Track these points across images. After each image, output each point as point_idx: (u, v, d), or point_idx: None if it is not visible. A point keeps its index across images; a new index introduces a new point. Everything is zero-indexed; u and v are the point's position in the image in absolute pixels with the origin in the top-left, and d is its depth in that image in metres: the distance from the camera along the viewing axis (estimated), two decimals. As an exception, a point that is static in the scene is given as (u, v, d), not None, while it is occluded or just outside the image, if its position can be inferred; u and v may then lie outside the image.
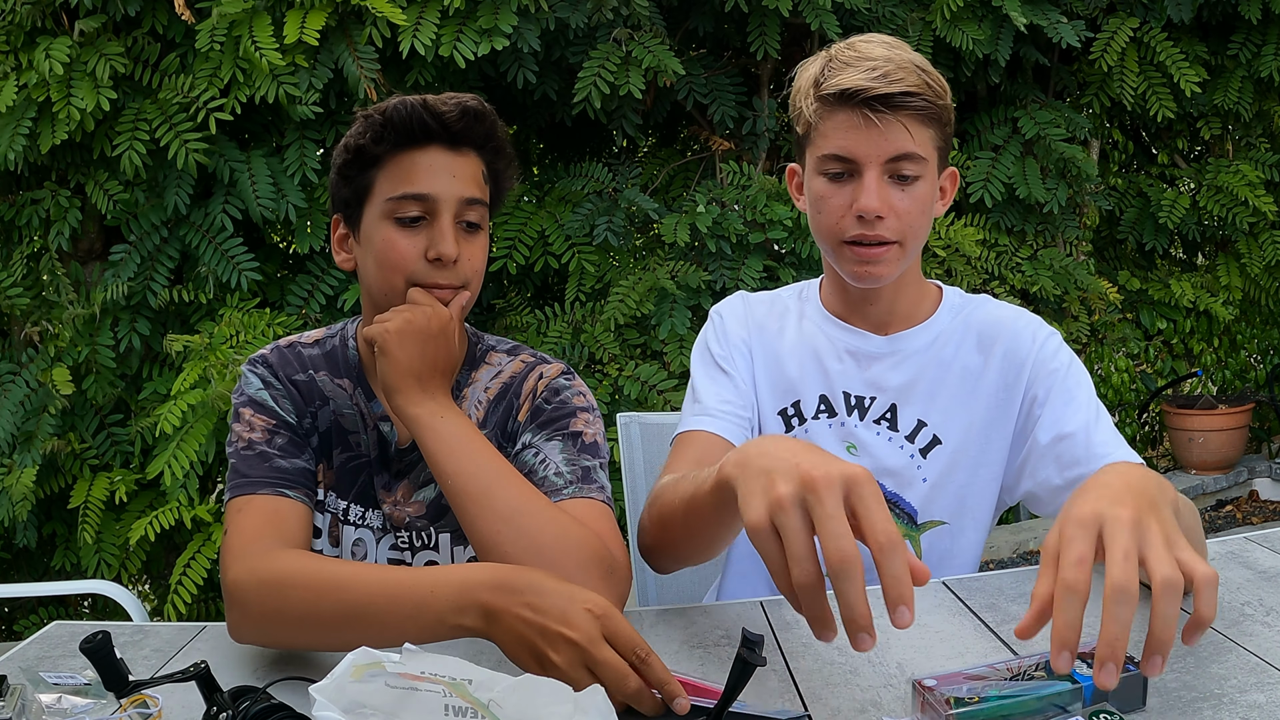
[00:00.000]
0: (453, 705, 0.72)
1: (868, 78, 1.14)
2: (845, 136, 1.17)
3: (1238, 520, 4.18)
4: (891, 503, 1.27)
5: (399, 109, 1.12)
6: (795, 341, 1.32)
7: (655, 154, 3.90)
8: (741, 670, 0.74)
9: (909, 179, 1.18)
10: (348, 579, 0.93)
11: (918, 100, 1.15)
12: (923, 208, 1.20)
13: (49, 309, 3.13)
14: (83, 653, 0.79)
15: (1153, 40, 3.67)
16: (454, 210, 1.13)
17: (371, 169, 1.14)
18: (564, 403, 1.19)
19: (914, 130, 1.16)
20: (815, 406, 1.29)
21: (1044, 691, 0.81)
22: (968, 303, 1.32)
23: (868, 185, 1.16)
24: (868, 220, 1.17)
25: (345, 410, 1.21)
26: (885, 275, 1.22)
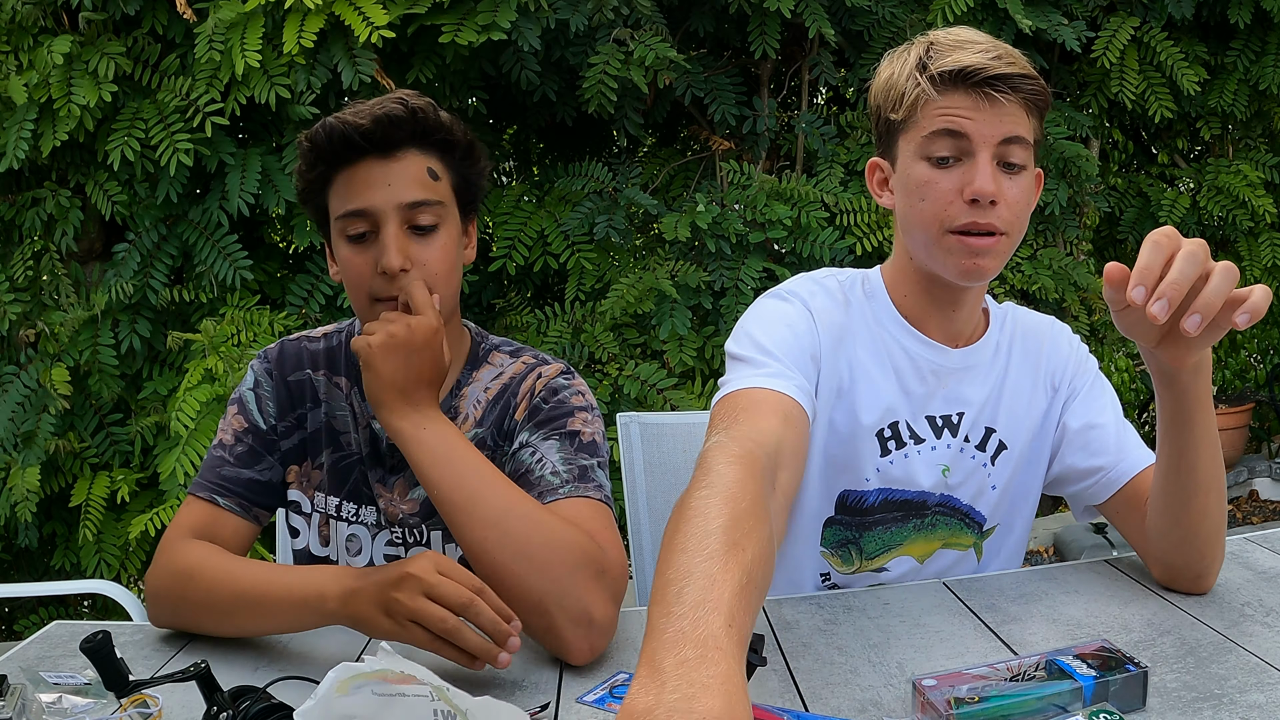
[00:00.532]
0: (441, 709, 0.72)
1: (985, 57, 1.10)
2: (957, 115, 1.10)
3: (1238, 520, 4.18)
4: (965, 513, 1.27)
5: (318, 132, 1.12)
6: (881, 355, 1.22)
7: (655, 154, 3.90)
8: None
9: (1016, 168, 1.12)
10: (239, 571, 1.06)
11: (1032, 84, 1.11)
12: (1028, 200, 1.15)
13: (42, 311, 3.13)
14: (83, 652, 0.79)
15: (1153, 40, 3.67)
16: (398, 219, 1.12)
17: (322, 192, 1.16)
18: (562, 402, 1.19)
19: (1025, 115, 1.12)
20: (907, 432, 1.22)
21: (1044, 691, 0.81)
22: (1005, 311, 1.32)
23: (981, 166, 1.10)
24: (981, 205, 1.10)
25: (338, 410, 1.23)
26: (990, 270, 1.14)
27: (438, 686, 0.73)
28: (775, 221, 3.19)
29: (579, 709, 0.89)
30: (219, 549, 1.13)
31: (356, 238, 1.13)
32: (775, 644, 1.01)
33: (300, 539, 1.26)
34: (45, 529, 3.25)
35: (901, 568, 1.27)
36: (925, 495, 1.24)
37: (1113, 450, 1.21)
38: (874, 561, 1.27)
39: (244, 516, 1.20)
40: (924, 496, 1.24)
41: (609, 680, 0.95)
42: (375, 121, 1.11)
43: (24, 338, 3.11)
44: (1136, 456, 1.20)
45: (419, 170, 1.14)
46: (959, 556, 1.27)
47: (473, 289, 3.37)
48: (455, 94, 3.18)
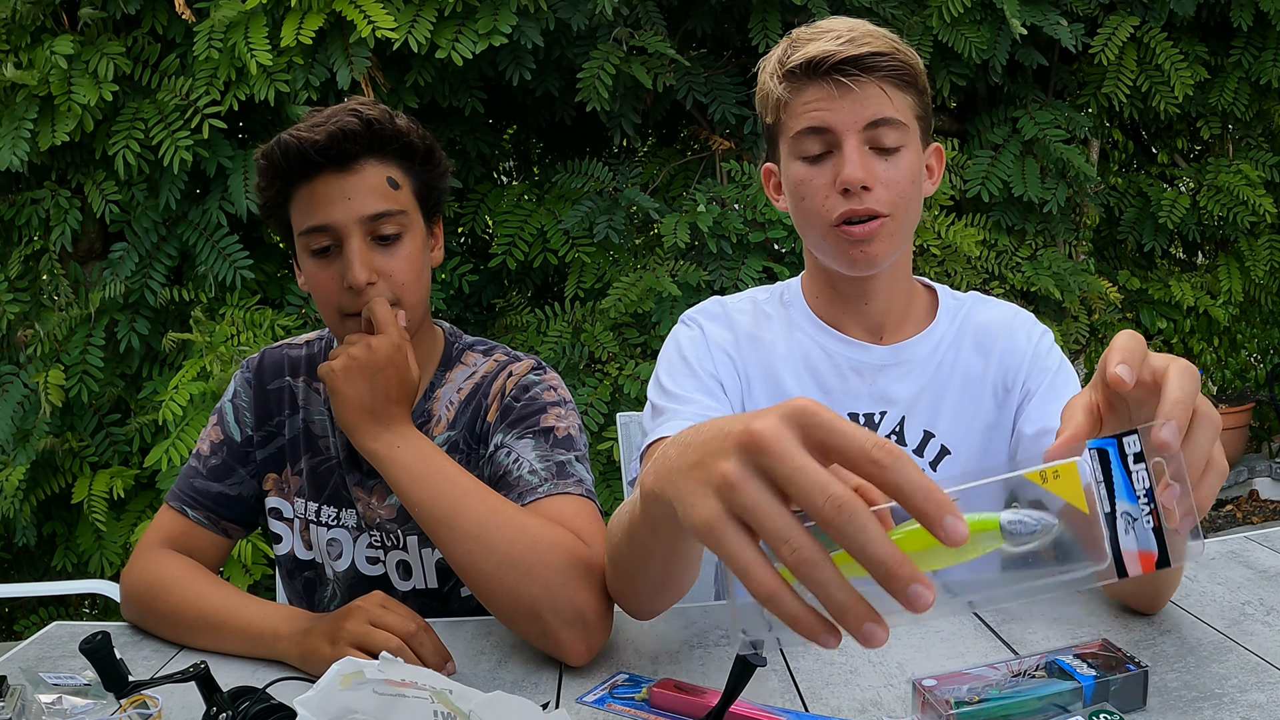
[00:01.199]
0: (440, 711, 0.72)
1: (834, 44, 1.08)
2: (816, 109, 1.09)
3: (1238, 520, 4.18)
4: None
5: (274, 149, 1.11)
6: (788, 355, 1.23)
7: (655, 153, 3.90)
8: (741, 670, 0.74)
9: (891, 149, 1.10)
10: (205, 594, 1.09)
11: (889, 60, 1.08)
12: (911, 177, 1.12)
13: (39, 312, 3.13)
14: (82, 653, 0.79)
15: (1152, 40, 3.67)
16: (360, 232, 1.11)
17: (283, 207, 1.15)
18: (533, 399, 1.19)
19: (890, 94, 1.09)
20: None
21: (1044, 691, 0.81)
22: (962, 304, 1.27)
23: (849, 155, 1.09)
24: (854, 193, 1.09)
25: (316, 415, 1.24)
26: (880, 255, 1.13)
27: (438, 690, 0.73)
28: (775, 221, 3.19)
29: (579, 709, 0.89)
30: (191, 565, 1.16)
31: (320, 252, 1.12)
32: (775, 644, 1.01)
33: (284, 544, 1.26)
34: (45, 529, 3.25)
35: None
36: None
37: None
38: None
39: (213, 529, 1.22)
40: None
41: (609, 680, 0.95)
42: (330, 136, 1.09)
43: (22, 338, 3.11)
44: None
45: (378, 181, 1.12)
46: None
47: (473, 288, 3.37)
48: (455, 94, 3.18)
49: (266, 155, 1.12)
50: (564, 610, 0.96)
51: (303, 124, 1.11)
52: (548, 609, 0.96)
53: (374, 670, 0.72)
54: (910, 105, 1.12)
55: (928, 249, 3.38)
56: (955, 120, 3.87)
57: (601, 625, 0.99)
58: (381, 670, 0.72)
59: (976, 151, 3.65)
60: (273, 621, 1.03)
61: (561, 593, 0.96)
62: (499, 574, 0.98)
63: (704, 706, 0.85)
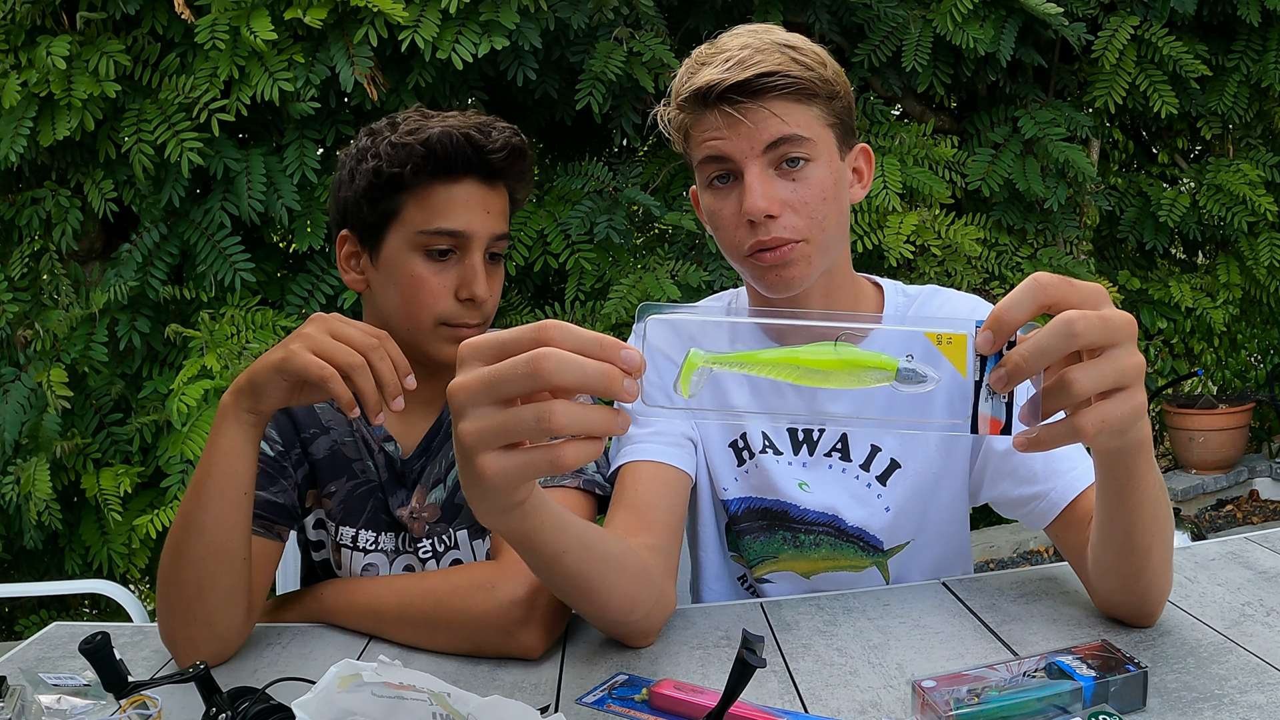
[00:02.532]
0: (439, 713, 0.72)
1: (720, 70, 1.04)
2: (712, 138, 1.07)
3: (1238, 520, 4.18)
4: (855, 536, 1.20)
5: (443, 141, 1.08)
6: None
7: (655, 153, 3.90)
8: (741, 671, 0.74)
9: (797, 163, 1.07)
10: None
11: (779, 79, 1.04)
12: (821, 195, 1.08)
13: (40, 311, 3.13)
14: (82, 654, 0.79)
15: (1153, 38, 3.67)
16: (485, 246, 1.13)
17: (401, 194, 1.11)
18: None
19: (786, 112, 1.05)
20: (760, 443, 1.20)
21: (1044, 692, 0.81)
22: (912, 301, 1.22)
23: (749, 184, 1.05)
24: (760, 223, 1.06)
25: (346, 438, 1.22)
26: (799, 278, 1.09)
27: (436, 693, 0.73)
28: (775, 221, 3.20)
29: (578, 710, 0.89)
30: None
31: (437, 254, 1.11)
32: (775, 645, 1.01)
33: (323, 552, 1.25)
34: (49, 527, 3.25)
35: (787, 581, 1.24)
36: (787, 506, 1.20)
37: (1041, 476, 1.08)
38: (756, 570, 1.26)
39: (267, 535, 1.17)
40: (785, 506, 1.20)
41: (608, 681, 0.95)
42: (509, 152, 1.10)
43: (22, 338, 3.11)
44: (1069, 480, 1.07)
45: (505, 203, 1.16)
46: (856, 578, 1.23)
47: (473, 289, 3.37)
48: (455, 95, 3.18)
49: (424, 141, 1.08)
50: (495, 643, 1.01)
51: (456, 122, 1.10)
52: (484, 648, 1.01)
53: (372, 673, 0.72)
54: (817, 116, 1.08)
55: (928, 248, 3.38)
56: (955, 119, 3.87)
57: (536, 620, 0.99)
58: (379, 673, 0.72)
59: (977, 150, 3.65)
60: (222, 403, 1.01)
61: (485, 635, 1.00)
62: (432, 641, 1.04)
63: (704, 707, 0.85)
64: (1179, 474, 4.37)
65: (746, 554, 1.25)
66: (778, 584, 1.25)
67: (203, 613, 1.02)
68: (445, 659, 1.02)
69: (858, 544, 1.21)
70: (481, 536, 1.22)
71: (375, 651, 1.05)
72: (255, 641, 1.09)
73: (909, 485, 1.19)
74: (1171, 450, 4.51)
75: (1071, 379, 0.66)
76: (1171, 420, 4.38)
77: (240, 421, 1.00)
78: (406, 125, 1.11)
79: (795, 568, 1.24)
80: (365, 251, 1.16)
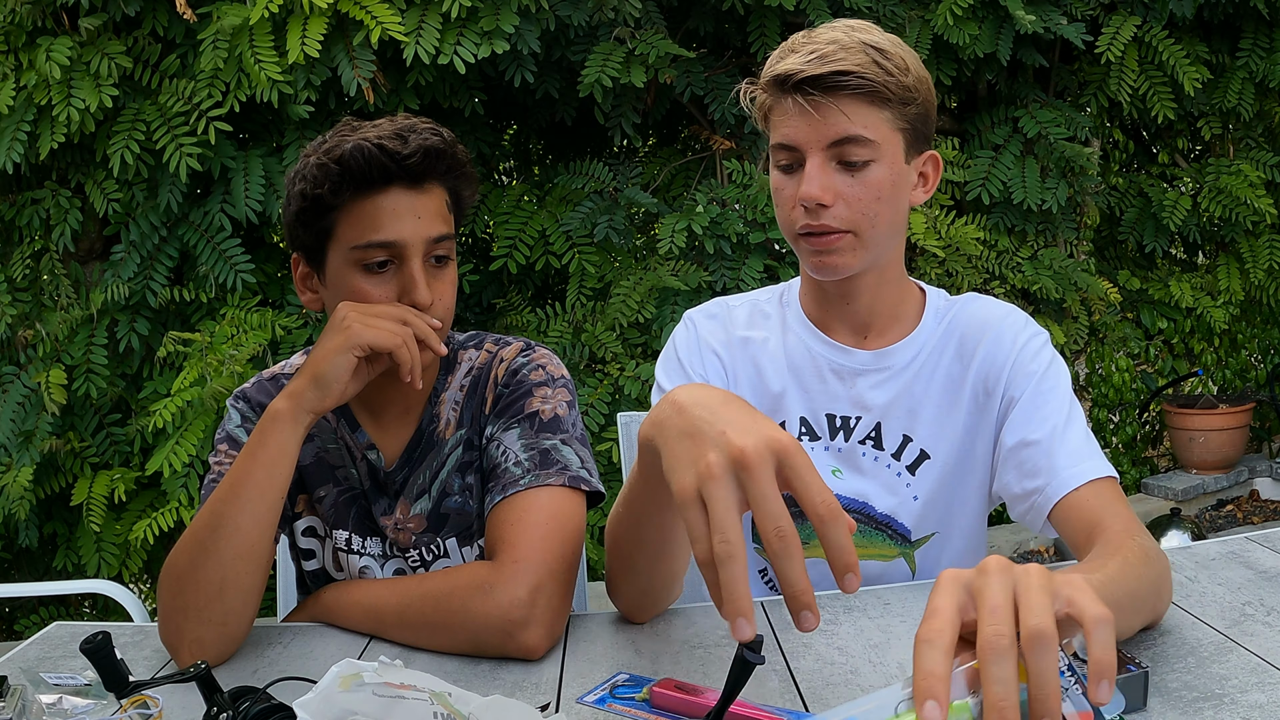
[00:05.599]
0: (439, 713, 0.72)
1: (801, 61, 1.09)
2: (787, 124, 1.12)
3: (1238, 520, 4.18)
4: (884, 524, 1.23)
5: (355, 157, 1.07)
6: (778, 354, 1.26)
7: (656, 153, 3.90)
8: (741, 670, 0.74)
9: (858, 164, 1.11)
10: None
11: (853, 79, 1.08)
12: (877, 194, 1.13)
13: (40, 312, 3.13)
14: (83, 653, 0.79)
15: (1154, 39, 3.67)
16: (422, 254, 1.10)
17: (331, 213, 1.10)
18: (520, 383, 1.19)
19: (855, 112, 1.09)
20: (797, 429, 1.24)
21: (1044, 692, 0.80)
22: (952, 306, 1.26)
23: (809, 173, 1.11)
24: (811, 209, 1.12)
25: (330, 445, 1.22)
26: (842, 266, 1.15)
27: (437, 693, 0.73)
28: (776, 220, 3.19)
29: (579, 709, 0.89)
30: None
31: (375, 266, 1.09)
32: (775, 644, 1.01)
33: (315, 561, 1.25)
34: (45, 529, 3.25)
35: (814, 569, 1.24)
36: None
37: (1044, 470, 1.11)
38: None
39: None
40: None
41: (609, 680, 0.95)
42: (422, 153, 1.08)
43: (23, 339, 3.11)
44: (1066, 476, 1.08)
45: (441, 203, 1.13)
46: (884, 568, 1.24)
47: (473, 289, 3.37)
48: (455, 95, 3.18)
49: (339, 159, 1.07)
50: (495, 643, 1.00)
51: (374, 131, 1.08)
52: (484, 648, 1.01)
53: (373, 673, 0.72)
54: (886, 119, 1.11)
55: (928, 249, 3.38)
56: (955, 120, 3.87)
57: (537, 620, 1.00)
58: (380, 673, 0.72)
59: (977, 152, 3.65)
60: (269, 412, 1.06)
61: (485, 636, 1.00)
62: (432, 641, 1.04)
63: (704, 706, 0.85)
64: (1179, 474, 4.37)
65: None
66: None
67: (220, 613, 1.02)
68: (446, 658, 1.02)
69: (886, 532, 1.24)
70: (470, 544, 1.21)
71: (376, 651, 1.05)
72: (256, 641, 1.09)
73: (937, 476, 1.21)
74: (1172, 450, 4.51)
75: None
76: (1172, 420, 4.38)
77: (297, 423, 1.05)
78: (330, 143, 1.10)
79: (823, 554, 1.24)
80: (314, 271, 1.16)
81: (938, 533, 1.24)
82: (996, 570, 0.64)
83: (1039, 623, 0.60)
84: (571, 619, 1.09)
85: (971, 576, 0.65)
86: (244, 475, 1.03)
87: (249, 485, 1.03)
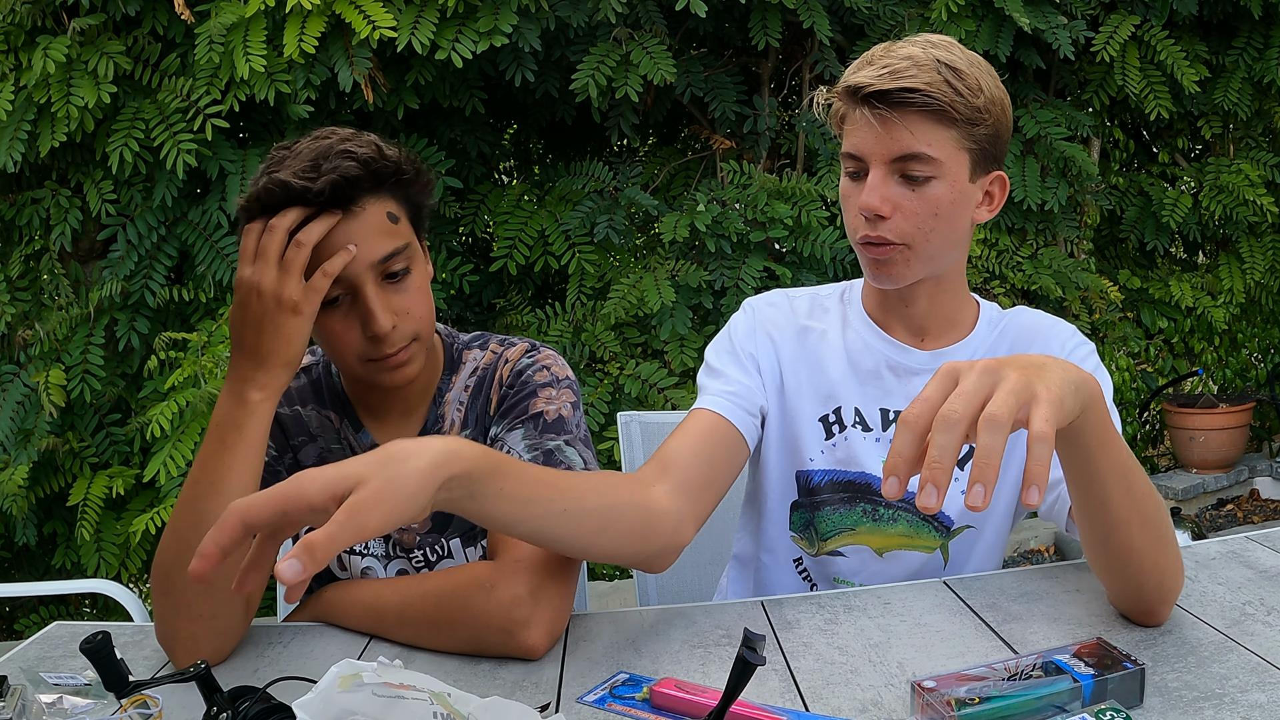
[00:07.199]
0: (439, 713, 0.72)
1: (873, 75, 1.12)
2: (854, 134, 1.16)
3: (1238, 519, 4.18)
4: (931, 515, 1.26)
5: (263, 195, 1.03)
6: (838, 346, 1.29)
7: (656, 153, 3.90)
8: (742, 670, 0.74)
9: (919, 179, 1.14)
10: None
11: (920, 97, 1.10)
12: (934, 210, 1.15)
13: (39, 311, 3.13)
14: (82, 653, 0.79)
15: (1153, 39, 3.66)
16: (373, 277, 1.07)
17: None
18: (525, 384, 1.19)
19: (920, 129, 1.12)
20: (852, 418, 1.28)
21: (1044, 691, 0.81)
22: (1004, 316, 1.31)
23: (870, 184, 1.15)
24: (870, 219, 1.16)
25: (334, 445, 1.22)
26: (896, 276, 1.19)
27: (437, 693, 0.73)
28: (776, 220, 3.19)
29: (579, 709, 0.89)
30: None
31: (331, 303, 1.07)
32: (775, 644, 1.01)
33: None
34: (45, 529, 3.25)
35: (859, 556, 1.28)
36: (871, 479, 1.26)
37: None
38: (829, 543, 1.29)
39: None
40: (869, 479, 1.26)
41: (609, 680, 0.95)
42: (332, 186, 1.03)
43: (22, 338, 3.11)
44: None
45: (380, 216, 1.07)
46: (925, 560, 1.27)
47: (473, 289, 3.37)
48: (455, 94, 3.18)
49: (257, 199, 1.04)
50: (496, 643, 1.00)
51: (291, 165, 1.04)
52: (485, 648, 1.01)
53: (373, 673, 0.72)
54: (952, 139, 1.13)
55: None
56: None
57: (537, 620, 1.00)
58: (380, 673, 0.72)
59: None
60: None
61: (486, 635, 1.00)
62: (433, 640, 1.04)
63: (704, 706, 0.85)
64: (1179, 473, 4.37)
65: (820, 526, 1.29)
66: (850, 558, 1.29)
67: (208, 606, 1.01)
68: (446, 658, 1.02)
69: (932, 524, 1.27)
70: (474, 544, 1.21)
71: (376, 651, 1.05)
72: (256, 641, 1.09)
73: None
74: (1172, 450, 4.51)
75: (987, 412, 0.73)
76: (1172, 420, 4.38)
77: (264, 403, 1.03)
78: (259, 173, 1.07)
79: (870, 542, 1.28)
80: None
81: (973, 526, 1.27)
82: (983, 368, 0.75)
83: (995, 410, 0.73)
84: (571, 619, 1.09)
85: (965, 369, 0.76)
86: (218, 465, 1.01)
87: (228, 478, 1.01)
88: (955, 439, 0.72)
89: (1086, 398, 0.82)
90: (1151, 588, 0.97)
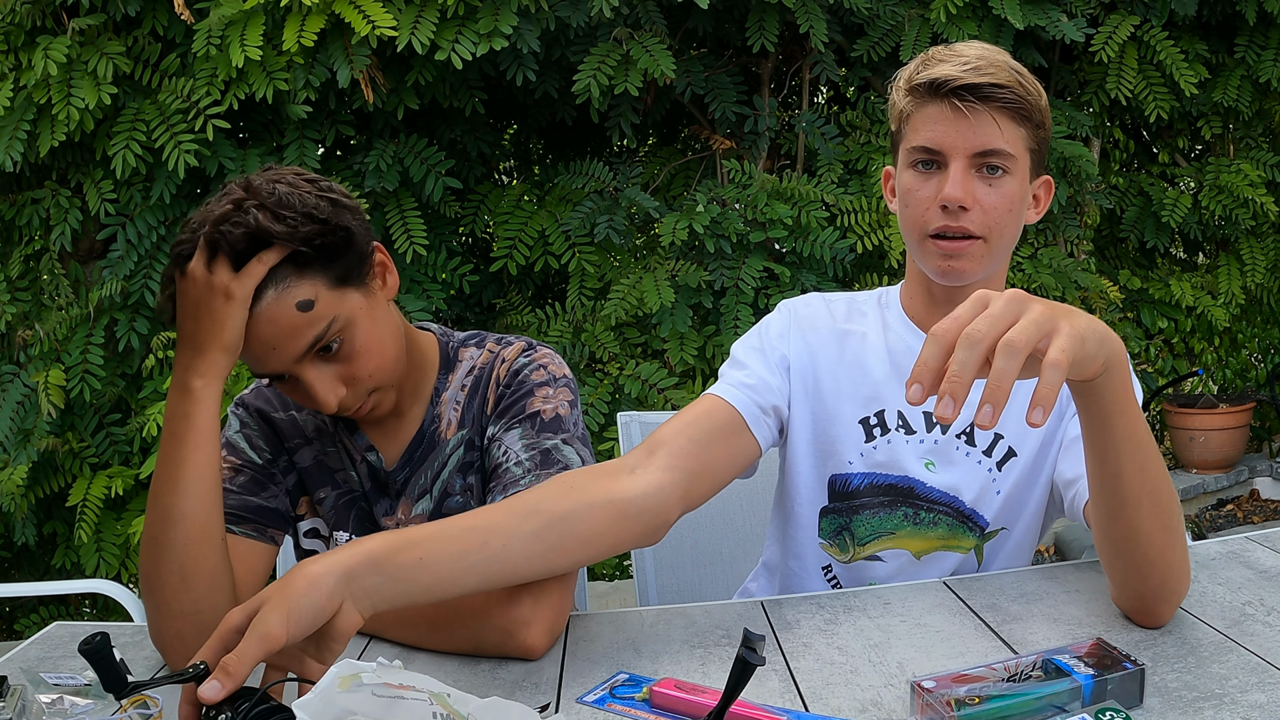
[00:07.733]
0: (439, 713, 0.72)
1: (958, 68, 1.13)
2: (934, 128, 1.16)
3: (1238, 519, 4.18)
4: (969, 516, 1.26)
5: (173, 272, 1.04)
6: (880, 349, 1.29)
7: (656, 153, 3.90)
8: (742, 670, 0.74)
9: (996, 171, 1.16)
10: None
11: (1007, 94, 1.13)
12: (1009, 205, 1.18)
13: (39, 311, 3.12)
14: (82, 654, 0.79)
15: (1152, 39, 3.66)
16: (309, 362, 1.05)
17: None
18: (522, 384, 1.19)
19: (1003, 125, 1.14)
20: (895, 420, 1.27)
21: (1044, 691, 0.81)
22: None
23: (953, 175, 1.15)
24: (951, 210, 1.16)
25: (329, 448, 1.22)
26: (968, 271, 1.19)
27: (436, 694, 0.73)
28: (776, 221, 3.19)
29: (579, 709, 0.89)
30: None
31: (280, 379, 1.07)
32: (775, 644, 1.01)
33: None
34: (45, 529, 3.25)
35: (897, 560, 1.28)
36: (913, 482, 1.25)
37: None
38: (866, 548, 1.28)
39: (260, 539, 1.16)
40: (911, 483, 1.26)
41: (609, 680, 0.95)
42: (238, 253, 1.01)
43: (22, 338, 3.11)
44: None
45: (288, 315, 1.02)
46: (960, 560, 1.27)
47: (473, 289, 3.37)
48: (455, 94, 3.18)
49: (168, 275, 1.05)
50: (495, 643, 1.01)
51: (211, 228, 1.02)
52: (484, 648, 1.01)
53: (372, 674, 0.72)
54: (1023, 138, 1.16)
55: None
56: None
57: (537, 620, 1.00)
58: (379, 674, 0.72)
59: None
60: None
61: (485, 635, 1.00)
62: (433, 641, 1.04)
63: (704, 706, 0.85)
64: (1180, 473, 4.37)
65: (858, 531, 1.28)
66: (889, 562, 1.28)
67: (189, 603, 1.01)
68: (445, 659, 1.02)
69: (969, 524, 1.26)
70: None
71: (375, 651, 1.05)
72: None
73: (1019, 472, 1.25)
74: (1172, 450, 4.51)
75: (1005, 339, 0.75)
76: (1172, 420, 4.38)
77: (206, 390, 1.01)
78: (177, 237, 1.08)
79: (910, 545, 1.27)
80: None
81: (1006, 528, 1.27)
82: (1013, 296, 0.78)
83: (1014, 336, 0.75)
84: (571, 619, 1.09)
85: (996, 295, 0.78)
86: (174, 458, 1.01)
87: (184, 468, 1.00)
88: (976, 356, 0.75)
89: (1110, 356, 0.85)
90: (1155, 583, 0.97)
